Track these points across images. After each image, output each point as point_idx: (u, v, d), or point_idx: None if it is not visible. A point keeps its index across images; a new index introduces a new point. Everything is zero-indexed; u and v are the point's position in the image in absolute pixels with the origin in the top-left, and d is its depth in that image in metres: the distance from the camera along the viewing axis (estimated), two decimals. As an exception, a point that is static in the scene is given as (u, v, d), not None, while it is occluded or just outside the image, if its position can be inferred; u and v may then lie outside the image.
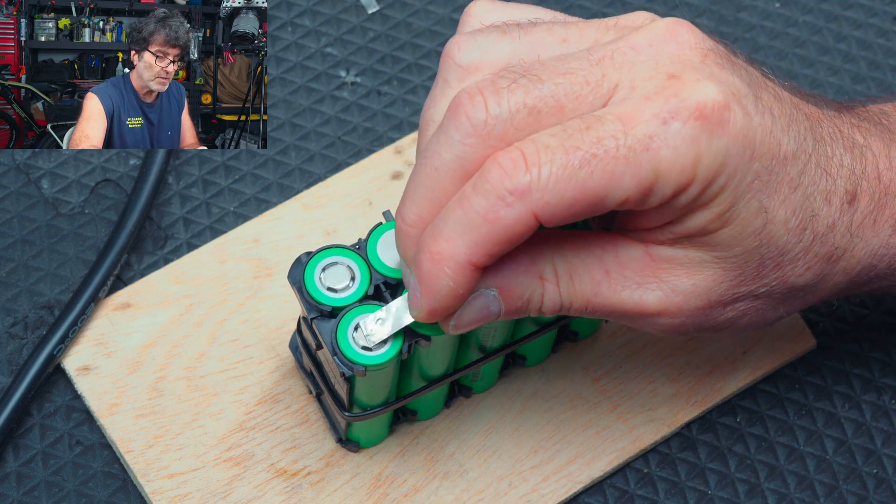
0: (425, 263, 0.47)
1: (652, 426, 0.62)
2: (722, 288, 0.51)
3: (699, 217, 0.49)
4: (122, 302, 0.62)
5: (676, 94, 0.47)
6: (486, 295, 0.49)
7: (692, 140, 0.47)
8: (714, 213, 0.48)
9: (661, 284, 0.50)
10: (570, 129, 0.46)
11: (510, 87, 0.47)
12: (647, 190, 0.47)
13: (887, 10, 0.74)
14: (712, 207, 0.48)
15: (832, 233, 0.52)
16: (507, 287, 0.49)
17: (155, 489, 0.59)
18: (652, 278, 0.50)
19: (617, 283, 0.50)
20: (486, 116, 0.47)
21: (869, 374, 0.64)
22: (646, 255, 0.50)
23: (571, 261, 0.50)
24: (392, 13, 0.71)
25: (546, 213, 0.46)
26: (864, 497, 0.62)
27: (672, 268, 0.50)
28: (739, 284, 0.51)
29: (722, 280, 0.51)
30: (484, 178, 0.46)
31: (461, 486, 0.60)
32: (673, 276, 0.50)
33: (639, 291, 0.50)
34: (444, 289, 0.47)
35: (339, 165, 0.67)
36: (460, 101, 0.47)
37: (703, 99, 0.47)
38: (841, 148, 0.52)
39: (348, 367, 0.51)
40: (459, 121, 0.47)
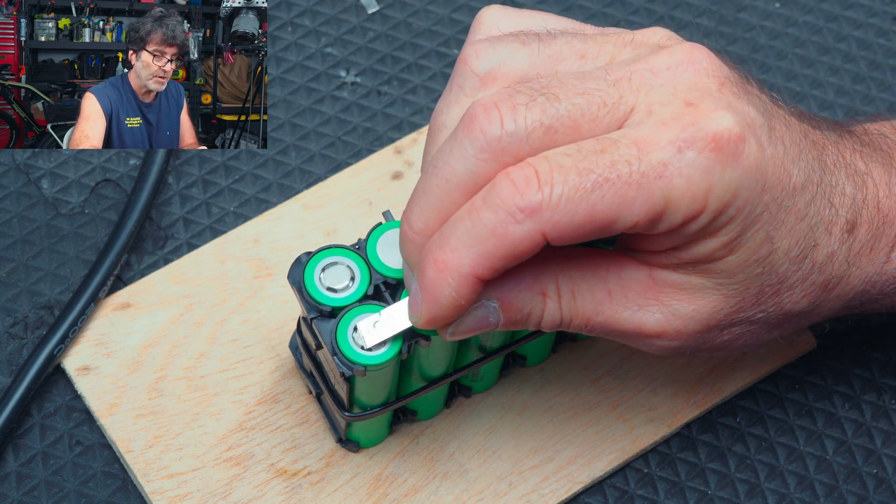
0: (429, 272, 0.47)
1: (652, 426, 0.62)
2: (721, 314, 0.51)
3: (706, 245, 0.49)
4: (122, 302, 0.62)
5: (694, 122, 0.47)
6: (487, 306, 0.49)
7: (706, 170, 0.47)
8: (721, 241, 0.49)
9: (661, 307, 0.51)
10: (584, 150, 0.46)
11: (528, 104, 0.47)
12: (657, 216, 0.47)
13: (887, 10, 0.74)
14: (720, 236, 0.48)
15: (830, 262, 0.52)
16: (509, 301, 0.49)
17: (155, 489, 0.59)
18: (653, 301, 0.50)
19: (619, 303, 0.50)
20: (502, 133, 0.47)
21: (869, 374, 0.64)
22: (649, 278, 0.50)
23: (575, 279, 0.50)
24: (392, 13, 0.71)
25: (555, 233, 0.46)
26: (864, 497, 0.62)
27: (674, 292, 0.50)
28: (738, 311, 0.51)
29: (722, 306, 0.51)
30: (495, 193, 0.46)
31: (461, 486, 0.60)
32: (674, 300, 0.51)
33: (640, 313, 0.51)
34: (446, 298, 0.47)
35: (339, 165, 0.67)
36: (476, 113, 0.47)
37: (719, 129, 0.47)
38: (844, 176, 0.52)
39: (348, 368, 0.51)
40: (474, 134, 0.47)
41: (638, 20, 0.72)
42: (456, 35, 0.71)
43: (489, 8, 0.53)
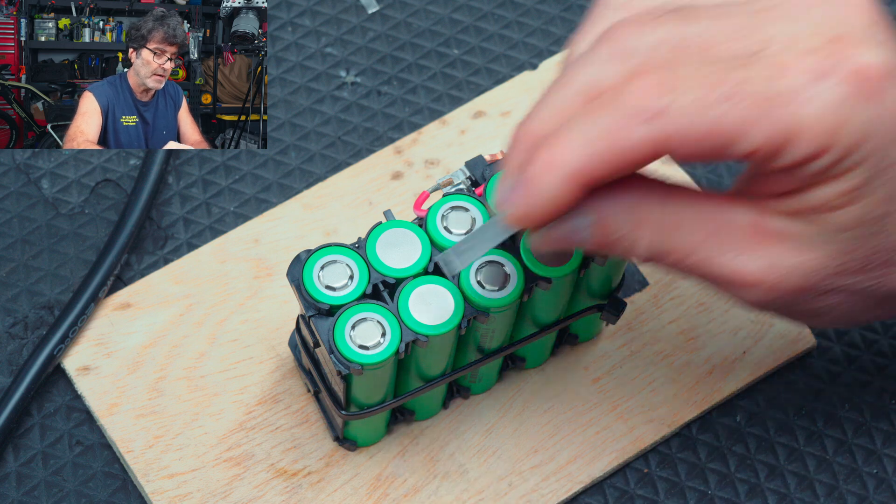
0: (536, 166, 0.45)
1: (652, 426, 0.62)
2: (825, 272, 0.48)
3: (825, 190, 0.46)
4: (122, 302, 0.62)
5: (837, 53, 0.44)
6: (581, 219, 0.47)
7: (841, 103, 0.44)
8: (843, 187, 0.46)
9: (763, 256, 0.48)
10: (718, 64, 0.45)
11: (661, 18, 0.46)
12: (781, 146, 0.44)
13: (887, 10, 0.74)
14: (842, 181, 0.46)
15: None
16: (604, 219, 0.47)
17: (155, 489, 0.59)
18: (756, 248, 0.47)
19: (718, 246, 0.48)
20: (636, 43, 0.45)
21: (869, 374, 0.64)
22: (756, 223, 0.47)
23: (677, 213, 0.48)
24: (392, 13, 0.71)
25: (674, 142, 0.44)
26: (864, 497, 0.62)
27: (780, 241, 0.47)
28: (843, 273, 0.48)
29: (827, 264, 0.48)
30: (619, 94, 0.45)
31: (461, 486, 0.60)
32: (778, 250, 0.47)
33: (739, 258, 0.48)
34: (547, 194, 0.45)
35: (339, 165, 0.67)
36: (613, 28, 0.46)
37: (864, 63, 0.44)
38: None
39: (345, 366, 0.51)
40: (606, 46, 0.46)
41: (638, 20, 0.72)
42: (456, 35, 0.71)
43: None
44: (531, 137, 0.46)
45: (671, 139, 0.44)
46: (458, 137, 0.67)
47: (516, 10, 0.72)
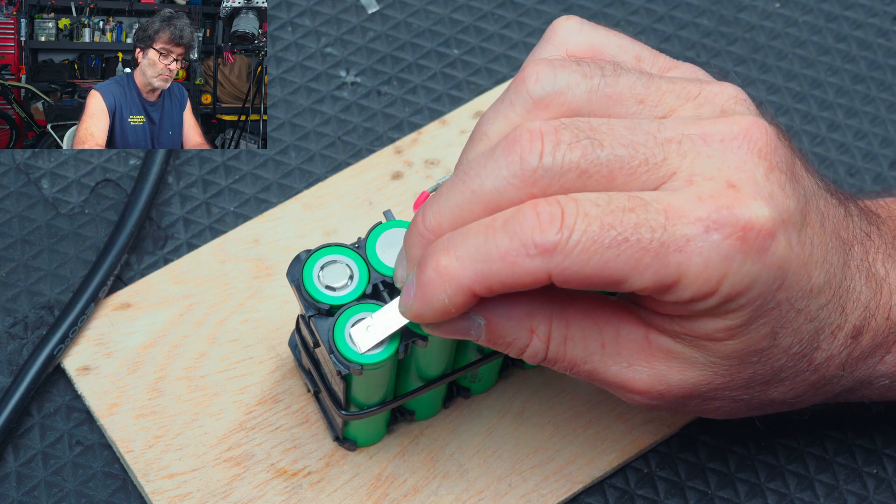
0: (429, 272, 0.47)
1: (652, 426, 0.62)
2: (707, 388, 0.51)
3: (709, 324, 0.48)
4: (122, 302, 0.62)
5: (729, 205, 0.46)
6: (473, 320, 0.49)
7: (726, 257, 0.46)
8: (725, 325, 0.48)
9: (650, 370, 0.50)
10: (613, 204, 0.46)
11: (571, 143, 0.47)
12: (667, 287, 0.47)
13: (887, 10, 0.74)
14: (725, 320, 0.48)
15: (827, 363, 0.52)
16: (495, 325, 0.50)
17: (155, 489, 0.59)
18: (644, 362, 0.50)
19: (609, 357, 0.51)
20: (539, 165, 0.47)
21: (869, 373, 0.64)
22: (645, 339, 0.50)
23: (570, 325, 0.50)
24: (392, 13, 0.71)
25: (561, 277, 0.46)
26: (864, 497, 0.62)
27: (666, 358, 0.50)
28: (724, 389, 0.51)
29: (709, 382, 0.51)
30: (517, 221, 0.46)
31: (461, 486, 0.60)
32: (664, 366, 0.50)
33: (628, 370, 0.51)
34: (438, 302, 0.48)
35: (339, 165, 0.67)
36: (519, 138, 0.47)
37: (752, 219, 0.46)
38: (863, 281, 0.52)
39: (345, 366, 0.51)
40: (512, 158, 0.47)
41: (638, 20, 0.72)
42: (456, 35, 0.71)
43: (567, 19, 0.52)
44: (430, 233, 0.48)
45: (560, 274, 0.46)
46: (458, 137, 0.67)
47: (516, 10, 0.72)
